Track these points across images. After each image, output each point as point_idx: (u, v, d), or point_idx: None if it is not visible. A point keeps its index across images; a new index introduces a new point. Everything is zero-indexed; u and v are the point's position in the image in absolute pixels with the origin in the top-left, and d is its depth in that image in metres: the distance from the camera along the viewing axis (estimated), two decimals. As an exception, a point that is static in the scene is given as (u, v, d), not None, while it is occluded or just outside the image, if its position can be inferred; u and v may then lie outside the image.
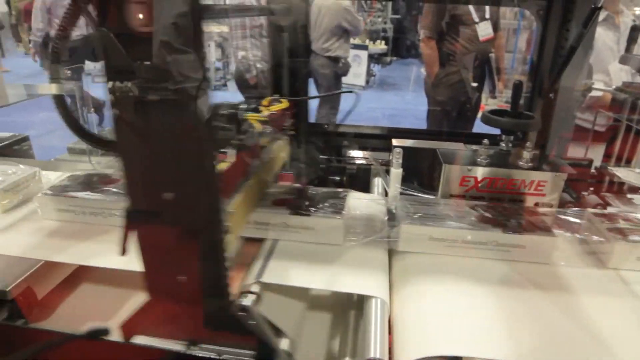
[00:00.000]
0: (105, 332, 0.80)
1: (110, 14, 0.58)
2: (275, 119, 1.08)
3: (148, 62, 0.59)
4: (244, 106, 0.94)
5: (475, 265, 0.97)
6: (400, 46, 10.46)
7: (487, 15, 3.11)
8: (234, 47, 3.73)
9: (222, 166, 0.78)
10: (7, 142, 1.85)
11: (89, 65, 3.27)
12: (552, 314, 0.84)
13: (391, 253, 1.02)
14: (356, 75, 8.19)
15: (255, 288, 0.83)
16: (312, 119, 1.58)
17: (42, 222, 1.16)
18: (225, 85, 8.46)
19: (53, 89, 1.88)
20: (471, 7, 3.06)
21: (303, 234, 1.01)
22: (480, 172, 1.14)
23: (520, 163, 1.15)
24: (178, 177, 0.66)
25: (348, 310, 1.04)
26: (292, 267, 0.94)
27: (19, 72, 8.24)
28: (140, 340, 0.78)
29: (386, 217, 1.08)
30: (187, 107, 0.61)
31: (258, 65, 3.52)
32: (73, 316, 1.07)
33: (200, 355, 0.76)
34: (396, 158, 1.11)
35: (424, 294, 0.88)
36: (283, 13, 1.31)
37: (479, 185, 1.15)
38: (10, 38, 10.49)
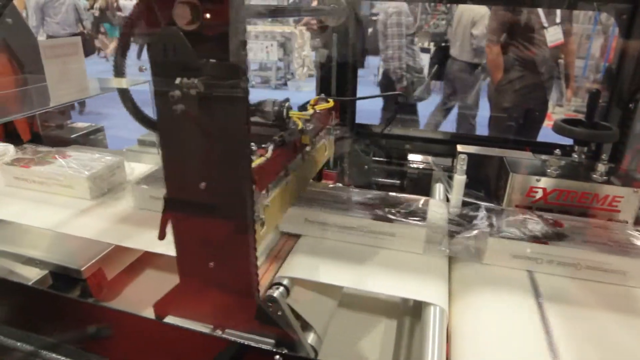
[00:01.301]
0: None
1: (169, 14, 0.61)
2: (319, 117, 1.09)
3: (213, 60, 0.62)
4: (287, 104, 0.95)
5: (542, 280, 0.92)
6: (464, 50, 10.19)
7: (558, 20, 2.96)
8: (384, 57, 3.72)
9: (259, 160, 0.79)
10: (84, 131, 1.98)
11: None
12: (621, 337, 0.79)
13: (451, 260, 0.99)
14: (417, 78, 8.07)
15: (285, 281, 0.85)
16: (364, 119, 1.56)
17: (116, 207, 1.22)
18: (285, 84, 8.61)
19: (123, 83, 1.99)
20: (540, 11, 2.92)
21: (384, 240, 0.99)
22: (549, 183, 1.09)
23: (595, 176, 1.09)
24: (215, 167, 0.69)
25: (391, 315, 1.03)
26: (343, 266, 0.93)
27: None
28: (170, 320, 0.82)
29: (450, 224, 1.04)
30: (239, 102, 0.63)
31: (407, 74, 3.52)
32: (137, 299, 1.13)
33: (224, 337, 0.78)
34: (460, 164, 1.08)
35: (485, 305, 0.86)
36: (335, 14, 1.31)
37: (548, 197, 1.10)
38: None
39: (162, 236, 0.80)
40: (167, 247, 1.03)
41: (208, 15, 0.59)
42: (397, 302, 1.09)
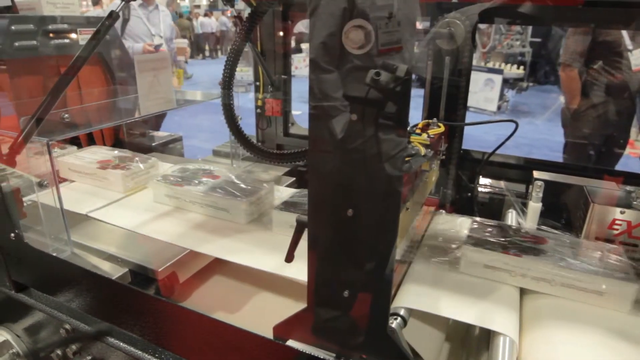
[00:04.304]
0: None
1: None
2: (434, 143, 1.06)
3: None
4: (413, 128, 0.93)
5: (624, 320, 0.86)
6: (538, 71, 9.81)
7: None
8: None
9: None
10: (163, 140, 2.11)
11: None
12: None
13: (522, 291, 0.95)
14: (488, 99, 7.87)
15: (402, 312, 0.83)
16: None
17: (189, 214, 1.29)
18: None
19: (198, 95, 2.09)
20: (625, 33, 2.74)
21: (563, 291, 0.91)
22: (635, 216, 1.02)
23: (688, 211, 1.01)
24: (366, 195, 0.64)
25: (455, 339, 1.00)
26: (429, 293, 0.91)
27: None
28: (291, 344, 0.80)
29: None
30: (400, 126, 0.60)
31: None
32: (205, 303, 1.18)
33: None
34: (536, 191, 1.05)
35: (558, 340, 0.81)
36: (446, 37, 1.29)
37: (632, 230, 1.03)
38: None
39: (290, 259, 0.82)
40: (237, 256, 1.10)
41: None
42: (462, 326, 1.06)
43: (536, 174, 1.22)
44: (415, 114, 0.73)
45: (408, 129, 1.05)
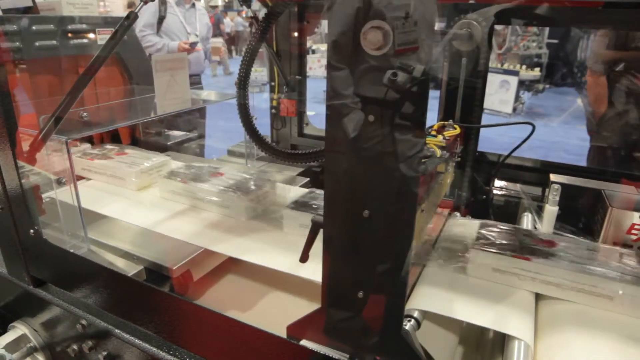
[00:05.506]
0: None
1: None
2: (449, 145, 1.06)
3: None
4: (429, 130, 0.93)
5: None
6: (555, 73, 9.68)
7: None
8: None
9: None
10: (179, 139, 2.13)
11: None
12: None
13: (538, 296, 0.94)
14: (503, 101, 7.79)
15: (416, 314, 0.82)
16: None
17: (204, 213, 1.31)
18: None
19: (212, 95, 2.10)
20: None
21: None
22: (654, 222, 1.01)
23: None
24: (384, 196, 0.64)
25: (469, 343, 0.99)
26: (443, 295, 0.91)
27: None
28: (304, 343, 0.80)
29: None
30: (418, 126, 0.60)
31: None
32: (218, 301, 1.19)
33: None
34: (553, 194, 1.04)
35: (573, 346, 0.80)
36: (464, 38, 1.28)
37: (652, 236, 1.01)
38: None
39: (305, 259, 0.82)
40: (251, 256, 1.10)
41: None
42: (476, 329, 1.05)
43: (553, 177, 1.21)
44: (431, 115, 0.73)
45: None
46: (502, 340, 0.85)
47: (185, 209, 1.35)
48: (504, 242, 0.97)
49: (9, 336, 1.13)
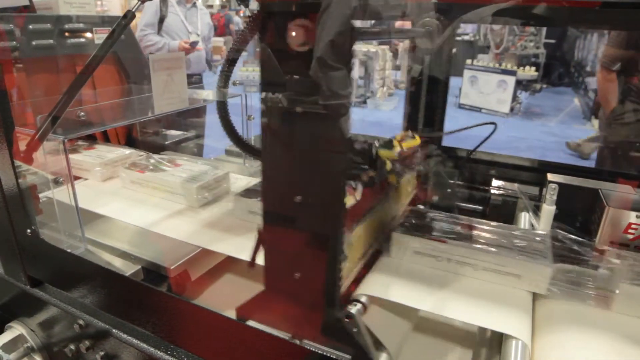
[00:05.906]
0: None
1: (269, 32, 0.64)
2: (406, 157, 1.07)
3: (297, 77, 0.63)
4: (377, 142, 0.94)
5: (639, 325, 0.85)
6: (553, 73, 9.72)
7: None
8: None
9: (349, 201, 0.78)
10: (176, 139, 2.13)
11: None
12: None
13: (535, 295, 0.94)
14: (500, 101, 7.81)
15: (363, 299, 0.84)
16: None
17: (157, 200, 1.36)
18: (365, 102, 8.67)
19: (210, 95, 2.10)
20: None
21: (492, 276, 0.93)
22: (651, 221, 1.01)
23: None
24: (309, 184, 0.70)
25: (466, 344, 0.99)
26: (421, 289, 0.91)
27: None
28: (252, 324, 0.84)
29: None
30: (331, 121, 0.63)
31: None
32: (215, 301, 1.19)
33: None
34: (550, 194, 1.04)
35: (571, 347, 0.81)
36: (433, 36, 1.28)
37: (648, 235, 1.02)
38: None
39: (252, 265, 0.86)
40: (248, 254, 1.10)
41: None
42: (473, 331, 1.05)
43: (550, 176, 1.21)
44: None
45: (391, 139, 1.07)
46: (491, 338, 0.86)
47: (143, 197, 1.40)
48: (424, 225, 1.01)
49: (6, 336, 1.13)
